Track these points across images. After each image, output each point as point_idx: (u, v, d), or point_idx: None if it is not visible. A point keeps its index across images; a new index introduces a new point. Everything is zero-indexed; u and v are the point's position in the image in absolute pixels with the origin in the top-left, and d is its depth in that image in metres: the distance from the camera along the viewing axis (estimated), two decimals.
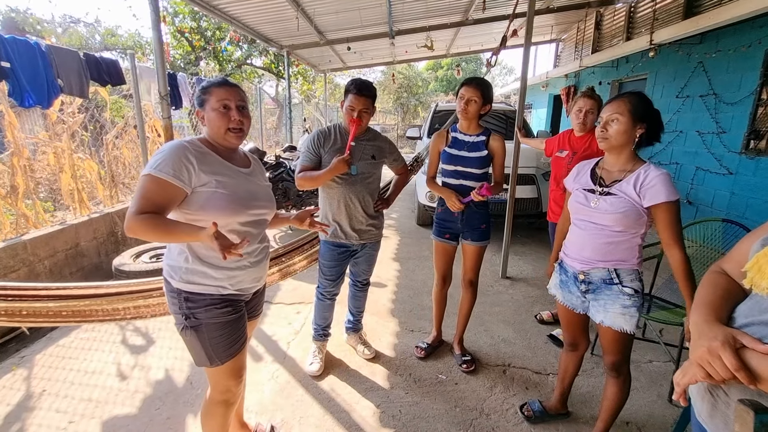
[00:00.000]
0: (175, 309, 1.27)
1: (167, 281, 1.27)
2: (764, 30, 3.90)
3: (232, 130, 1.24)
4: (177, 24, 10.71)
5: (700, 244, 2.35)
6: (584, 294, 1.49)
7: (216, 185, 1.20)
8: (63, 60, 3.19)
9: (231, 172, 1.26)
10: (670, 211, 1.31)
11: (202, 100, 1.25)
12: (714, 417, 0.78)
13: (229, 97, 1.23)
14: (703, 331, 0.74)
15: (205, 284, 1.24)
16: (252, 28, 5.59)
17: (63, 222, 3.15)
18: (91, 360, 2.26)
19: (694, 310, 0.81)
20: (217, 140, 1.26)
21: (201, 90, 1.26)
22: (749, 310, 0.74)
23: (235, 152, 1.34)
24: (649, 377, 2.18)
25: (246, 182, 1.30)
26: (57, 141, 3.80)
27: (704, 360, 0.71)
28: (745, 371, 0.65)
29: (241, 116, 1.24)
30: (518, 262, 3.88)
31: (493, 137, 2.01)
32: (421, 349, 2.30)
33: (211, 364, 1.27)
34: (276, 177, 4.57)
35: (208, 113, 1.23)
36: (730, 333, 0.71)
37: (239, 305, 1.34)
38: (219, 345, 1.26)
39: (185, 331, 1.26)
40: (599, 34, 7.23)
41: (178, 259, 1.25)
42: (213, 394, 1.36)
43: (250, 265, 1.33)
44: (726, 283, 0.84)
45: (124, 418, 1.83)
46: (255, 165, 1.41)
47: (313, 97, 14.32)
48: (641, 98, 1.36)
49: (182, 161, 1.14)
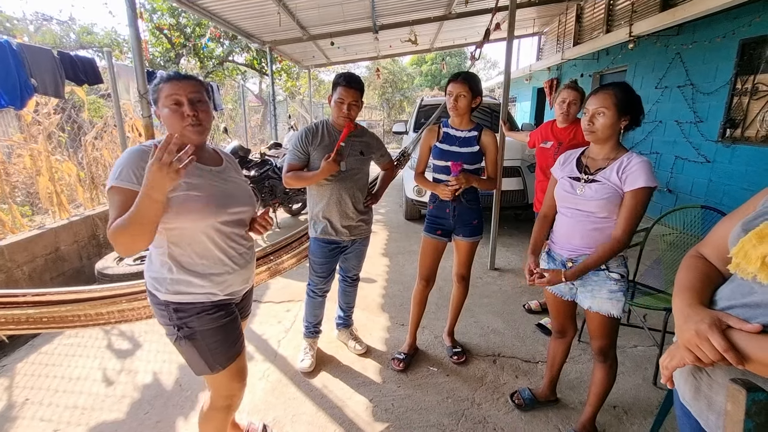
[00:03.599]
0: (165, 321, 1.22)
1: (153, 294, 1.22)
2: (738, 21, 4.01)
3: (190, 125, 1.16)
4: (155, 21, 10.45)
5: (680, 231, 2.41)
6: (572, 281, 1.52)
7: (187, 188, 1.13)
8: (36, 59, 3.08)
9: (201, 173, 1.20)
10: (640, 198, 1.33)
11: (154, 98, 1.18)
12: (698, 399, 0.80)
13: (179, 91, 1.14)
14: (689, 315, 0.75)
15: (194, 293, 1.19)
16: (232, 23, 5.48)
17: (42, 226, 3.06)
18: (75, 366, 2.21)
19: (677, 294, 0.82)
20: (179, 137, 1.18)
21: (153, 88, 1.18)
22: (731, 293, 0.76)
23: (202, 150, 1.25)
24: (634, 361, 2.23)
25: (220, 181, 1.24)
26: (33, 143, 3.68)
27: (692, 343, 0.72)
28: (733, 351, 0.67)
29: (194, 110, 1.15)
30: (506, 254, 3.92)
31: (485, 132, 1.98)
32: (398, 360, 2.17)
33: (212, 371, 1.24)
34: (262, 174, 4.52)
35: (161, 111, 1.16)
36: (716, 315, 0.72)
37: (231, 308, 1.30)
38: (217, 350, 1.23)
39: (179, 341, 1.21)
40: (580, 27, 7.32)
41: (161, 270, 1.19)
42: (216, 400, 1.32)
43: (239, 267, 1.28)
44: (705, 267, 0.85)
45: (112, 424, 1.80)
46: (227, 162, 1.34)
47: (297, 94, 14.17)
48: (626, 91, 1.38)
49: (142, 165, 1.05)
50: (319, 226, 2.01)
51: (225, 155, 1.36)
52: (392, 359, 2.21)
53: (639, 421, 1.81)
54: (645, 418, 1.82)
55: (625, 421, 1.82)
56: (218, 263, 1.22)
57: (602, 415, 1.74)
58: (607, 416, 1.82)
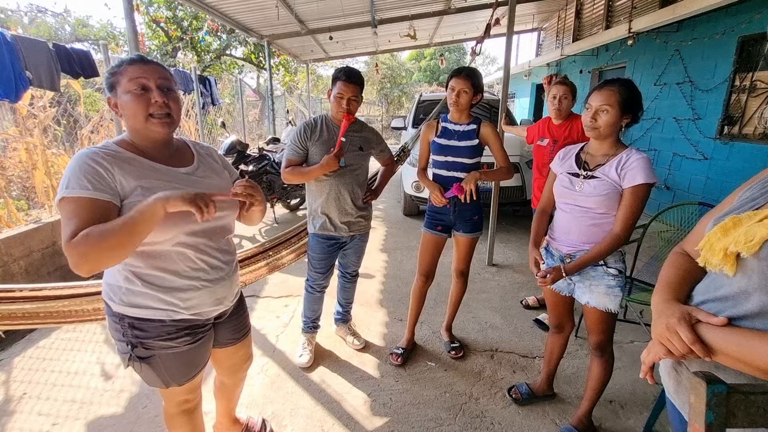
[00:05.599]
0: (118, 335, 1.06)
1: (106, 304, 1.07)
2: (737, 18, 4.00)
3: (156, 115, 0.99)
4: (152, 13, 10.35)
5: (677, 228, 2.42)
6: (570, 276, 1.53)
7: (142, 193, 0.96)
8: (31, 51, 3.05)
9: (162, 176, 1.02)
10: (639, 194, 1.33)
11: (111, 83, 0.99)
12: (679, 392, 0.82)
13: (146, 75, 0.97)
14: (663, 310, 0.78)
15: (153, 307, 1.04)
16: (230, 17, 5.43)
17: (38, 220, 3.04)
18: (73, 361, 2.20)
19: (656, 291, 0.85)
20: (138, 132, 1.02)
21: (109, 72, 0.99)
22: (705, 288, 0.78)
23: (167, 147, 1.07)
24: (631, 357, 2.25)
25: (188, 184, 1.05)
26: (28, 136, 3.65)
27: (663, 337, 0.75)
28: (699, 344, 0.70)
29: (165, 98, 0.99)
30: (504, 250, 3.93)
31: (484, 124, 1.96)
32: (397, 355, 2.18)
33: (166, 387, 1.13)
34: (260, 170, 4.50)
35: (120, 99, 0.98)
36: (686, 309, 0.74)
37: (199, 330, 1.13)
38: (176, 373, 1.12)
39: (134, 361, 1.06)
40: (580, 23, 7.30)
41: (116, 277, 1.04)
42: (169, 408, 1.23)
43: (209, 284, 1.10)
44: (685, 263, 0.87)
45: (110, 418, 1.80)
46: (200, 158, 1.15)
47: (295, 89, 14.09)
48: (630, 89, 1.37)
49: (94, 169, 0.92)
50: (318, 222, 2.01)
51: (198, 150, 1.18)
52: (390, 354, 2.22)
53: (635, 415, 1.83)
54: (641, 413, 1.83)
55: (621, 415, 1.84)
56: (183, 278, 1.06)
57: (598, 409, 1.75)
58: (603, 410, 1.84)
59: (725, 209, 0.80)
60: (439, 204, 1.97)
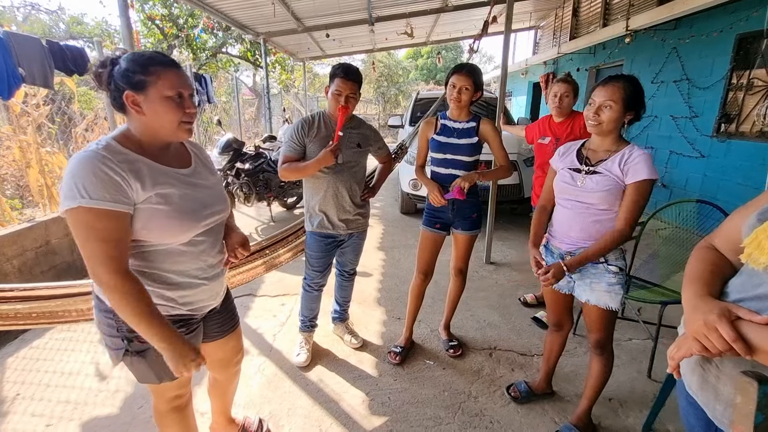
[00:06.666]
0: (111, 331, 1.06)
1: (99, 299, 1.06)
2: (735, 15, 4.01)
3: (186, 122, 1.02)
4: (147, 11, 10.26)
5: (675, 225, 2.42)
6: (570, 274, 1.52)
7: (157, 201, 0.98)
8: (24, 48, 3.00)
9: (170, 179, 1.03)
10: (642, 190, 1.33)
11: (143, 81, 0.95)
12: (704, 389, 0.79)
13: (183, 83, 1.00)
14: (698, 305, 0.75)
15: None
16: (226, 14, 5.39)
17: (32, 219, 3.01)
18: (67, 361, 2.18)
19: (686, 285, 0.82)
20: (157, 134, 1.02)
21: (140, 67, 0.95)
22: (742, 285, 0.75)
23: (169, 148, 1.09)
24: (630, 354, 2.25)
25: (192, 188, 1.08)
26: (22, 134, 3.61)
27: (700, 333, 0.71)
28: (741, 342, 0.66)
29: (194, 107, 1.04)
30: (501, 247, 3.92)
31: (484, 122, 1.95)
32: (395, 354, 2.16)
33: (159, 382, 1.13)
34: (256, 168, 4.47)
35: (152, 102, 0.96)
36: (726, 306, 0.71)
37: (192, 324, 1.15)
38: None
39: (127, 356, 1.07)
40: (577, 21, 7.30)
41: None
42: (159, 405, 1.22)
43: (206, 281, 1.13)
44: (715, 258, 0.85)
45: (105, 419, 1.78)
46: (197, 160, 1.16)
47: (292, 87, 14.03)
48: (635, 86, 1.36)
49: (110, 176, 0.90)
50: (316, 220, 1.99)
51: (193, 149, 1.19)
52: (389, 353, 2.20)
53: (634, 413, 1.82)
54: (640, 411, 1.83)
55: (621, 413, 1.83)
56: (183, 276, 1.08)
57: (598, 407, 1.75)
58: (602, 408, 1.83)
59: (765, 205, 0.76)
60: (438, 204, 1.96)
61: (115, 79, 0.97)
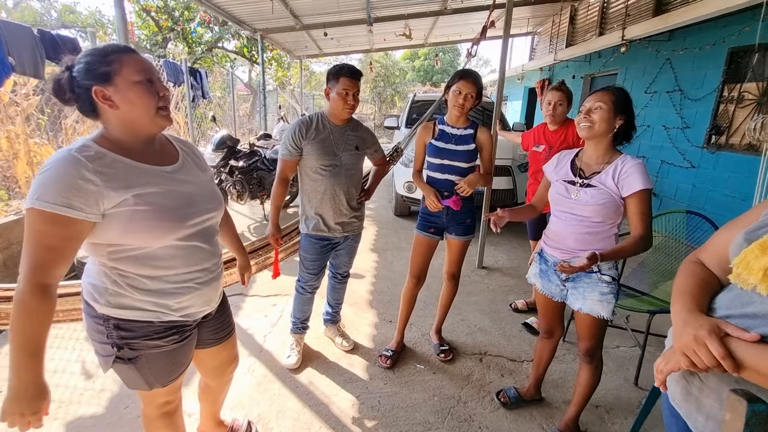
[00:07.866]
0: (101, 338, 1.01)
1: (89, 304, 1.02)
2: (727, 30, 4.08)
3: (162, 108, 0.97)
4: (142, 2, 10.13)
5: (665, 235, 2.45)
6: (563, 282, 1.54)
7: (135, 203, 0.92)
8: (14, 36, 2.94)
9: (151, 178, 0.97)
10: (644, 199, 1.36)
11: (107, 72, 0.90)
12: (687, 401, 0.81)
13: (148, 67, 0.94)
14: (688, 320, 0.76)
15: (142, 309, 1.01)
16: (223, 8, 5.34)
17: (18, 212, 2.95)
18: (52, 358, 2.14)
19: (676, 299, 0.83)
20: (136, 128, 0.97)
21: (100, 57, 0.90)
22: (730, 302, 0.77)
23: (153, 144, 1.03)
24: (617, 362, 2.28)
25: (176, 185, 1.01)
26: (10, 125, 3.54)
27: (689, 348, 0.72)
28: (730, 359, 0.68)
29: (165, 90, 0.98)
30: (494, 252, 3.94)
31: (481, 130, 1.97)
32: (386, 357, 2.16)
33: (149, 389, 1.10)
34: (251, 166, 4.44)
35: (122, 91, 0.91)
36: (716, 322, 0.72)
37: (185, 330, 1.11)
38: (161, 373, 1.09)
39: (117, 363, 1.03)
40: (573, 29, 7.36)
41: (101, 279, 0.99)
42: (149, 411, 1.19)
43: (199, 286, 1.08)
44: (703, 274, 0.86)
45: (90, 419, 1.75)
46: (186, 157, 1.10)
47: (288, 84, 13.96)
48: (623, 93, 1.41)
49: (76, 182, 0.85)
50: (311, 222, 1.98)
51: (181, 145, 1.12)
52: (379, 356, 2.20)
53: (620, 420, 1.85)
54: (626, 418, 1.86)
55: (607, 420, 1.85)
56: (173, 282, 1.03)
57: (585, 414, 1.76)
58: (589, 415, 1.85)
59: (753, 224, 0.77)
60: (435, 209, 1.97)
61: (77, 79, 0.91)
